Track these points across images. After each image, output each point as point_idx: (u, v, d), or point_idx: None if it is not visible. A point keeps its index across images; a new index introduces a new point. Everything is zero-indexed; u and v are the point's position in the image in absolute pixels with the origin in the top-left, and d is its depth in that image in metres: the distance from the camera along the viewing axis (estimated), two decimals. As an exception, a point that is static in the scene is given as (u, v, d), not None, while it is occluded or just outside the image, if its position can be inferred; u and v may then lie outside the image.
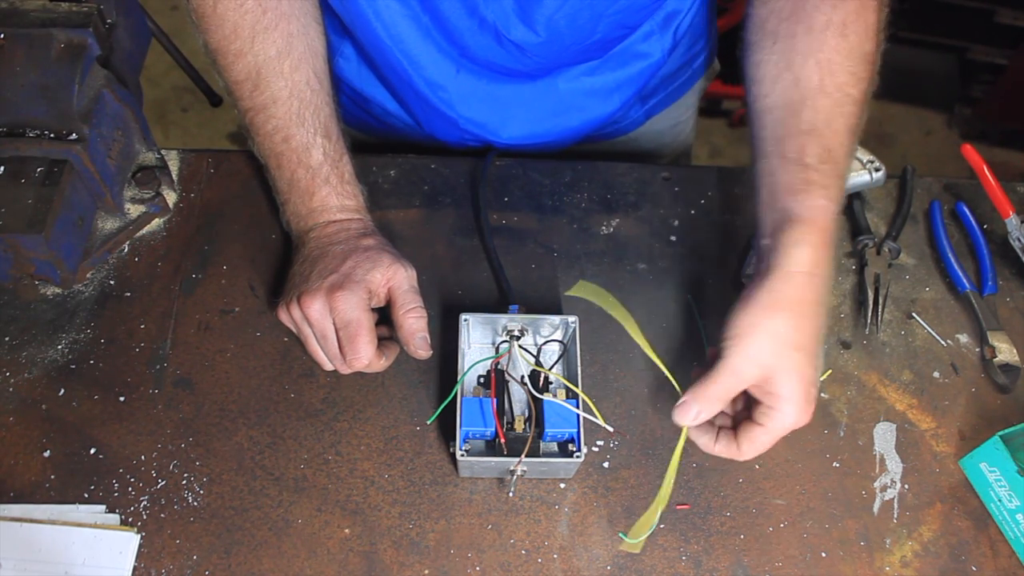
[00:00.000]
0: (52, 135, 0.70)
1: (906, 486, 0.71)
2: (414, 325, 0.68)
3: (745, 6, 0.73)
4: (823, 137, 0.64)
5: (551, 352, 0.71)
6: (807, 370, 0.59)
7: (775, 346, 0.59)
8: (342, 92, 0.90)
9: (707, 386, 0.60)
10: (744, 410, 0.63)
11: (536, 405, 0.65)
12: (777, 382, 0.58)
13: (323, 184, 0.72)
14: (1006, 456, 0.66)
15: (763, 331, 0.59)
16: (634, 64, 0.84)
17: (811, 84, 0.65)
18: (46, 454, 0.68)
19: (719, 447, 0.62)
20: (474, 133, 0.86)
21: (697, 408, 0.60)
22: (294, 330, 0.70)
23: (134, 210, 0.79)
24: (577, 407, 0.64)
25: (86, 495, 0.66)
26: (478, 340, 0.72)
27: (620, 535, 0.67)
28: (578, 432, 0.64)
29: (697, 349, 0.76)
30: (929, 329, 0.79)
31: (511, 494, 0.68)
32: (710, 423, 0.63)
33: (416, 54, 0.78)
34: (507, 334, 0.70)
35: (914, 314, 0.80)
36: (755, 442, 0.61)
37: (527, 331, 0.71)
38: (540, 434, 0.65)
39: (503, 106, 0.84)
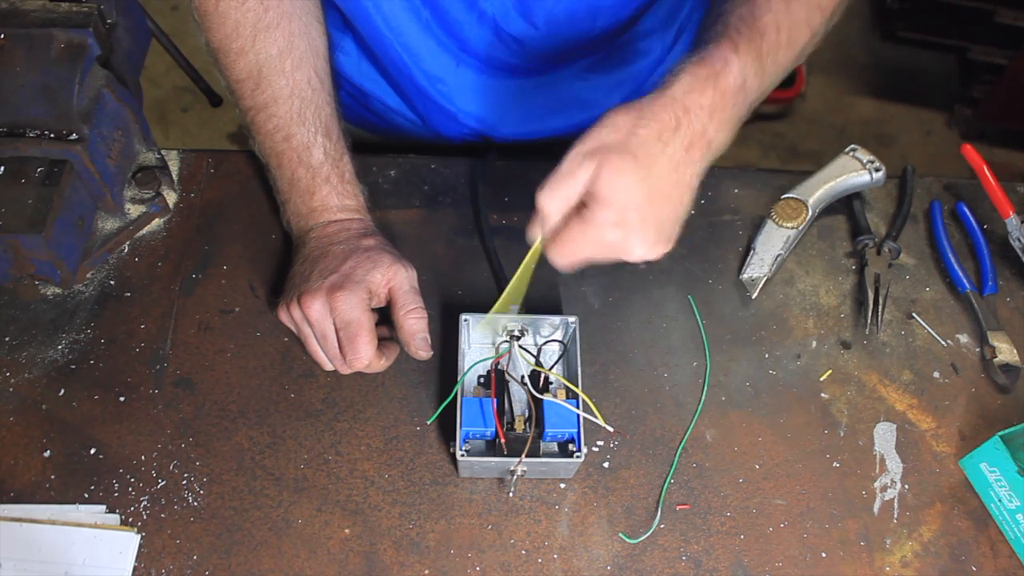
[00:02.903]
0: (52, 135, 0.70)
1: (906, 486, 0.71)
2: (414, 326, 0.68)
3: None
4: (755, 7, 0.61)
5: (551, 352, 0.71)
6: (638, 183, 0.54)
7: (612, 142, 0.54)
8: (342, 88, 0.90)
9: (551, 186, 0.56)
10: None
11: (536, 405, 0.65)
12: (601, 178, 0.54)
13: (323, 183, 0.72)
14: (1006, 456, 0.66)
15: (605, 125, 0.55)
16: (635, 61, 0.84)
17: None
18: (46, 454, 0.68)
19: (549, 243, 0.58)
20: (473, 127, 0.86)
21: (545, 208, 0.56)
22: (294, 330, 0.70)
23: (134, 210, 0.79)
24: (577, 407, 0.64)
25: (86, 495, 0.66)
26: (478, 340, 0.72)
27: (620, 535, 0.67)
28: (578, 432, 0.64)
29: (697, 350, 0.76)
30: (929, 329, 0.79)
31: (511, 494, 0.68)
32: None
33: (416, 47, 0.78)
34: (507, 334, 0.70)
35: (914, 314, 0.80)
36: (565, 237, 0.56)
37: (527, 331, 0.71)
38: (540, 434, 0.65)
39: (503, 101, 0.84)
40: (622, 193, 0.54)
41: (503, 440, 0.64)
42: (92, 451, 0.68)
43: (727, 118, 0.58)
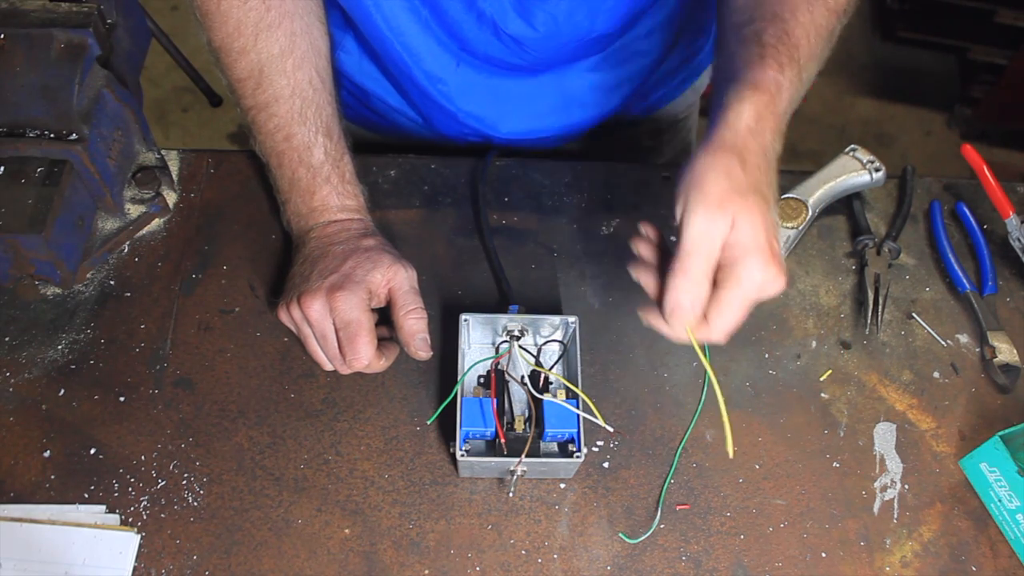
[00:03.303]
0: (52, 135, 0.70)
1: (906, 486, 0.71)
2: (414, 326, 0.68)
3: None
4: (785, 23, 0.62)
5: (551, 352, 0.71)
6: (769, 218, 0.53)
7: (730, 184, 0.52)
8: (343, 87, 0.90)
9: (685, 264, 0.52)
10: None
11: (536, 405, 0.65)
12: (739, 228, 0.52)
13: (324, 183, 0.72)
14: (1006, 456, 0.66)
15: (718, 171, 0.53)
16: (635, 61, 0.84)
17: None
18: (46, 454, 0.68)
19: (696, 328, 0.55)
20: (474, 127, 0.86)
21: (688, 297, 0.53)
22: (294, 330, 0.70)
23: (134, 210, 0.79)
24: (577, 407, 0.64)
25: (86, 495, 0.66)
26: (478, 340, 0.72)
27: (620, 535, 0.67)
28: (578, 432, 0.64)
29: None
30: (929, 329, 0.79)
31: (511, 494, 0.68)
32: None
33: (416, 47, 0.78)
34: (507, 334, 0.70)
35: (914, 314, 0.80)
36: (722, 307, 0.53)
37: (527, 331, 0.71)
38: (540, 434, 0.65)
39: (503, 100, 0.84)
40: (766, 233, 0.52)
41: (503, 440, 0.64)
42: (92, 451, 0.68)
43: (782, 135, 0.59)
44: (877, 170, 0.83)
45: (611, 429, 0.68)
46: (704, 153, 0.54)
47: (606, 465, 0.70)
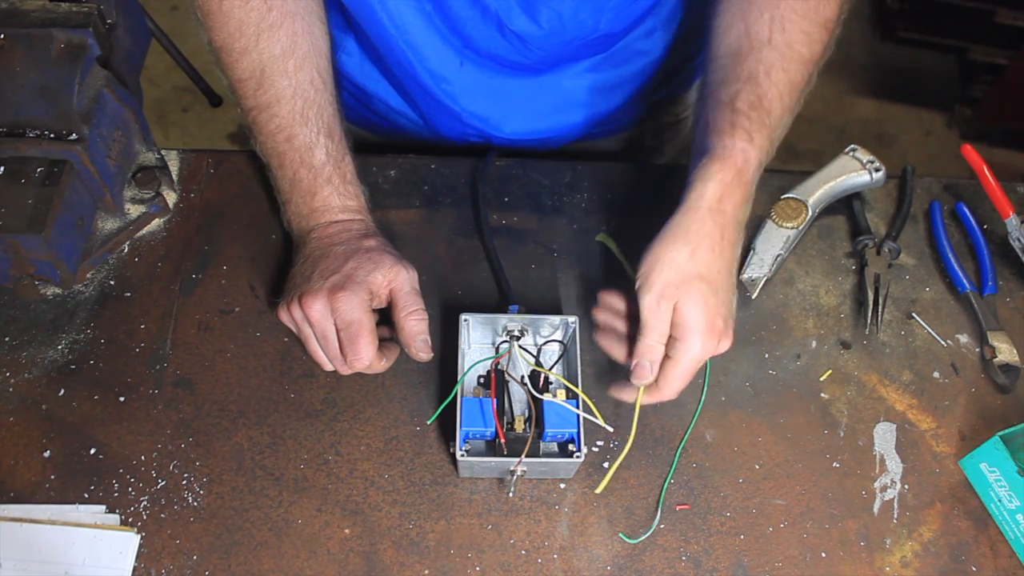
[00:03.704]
0: (52, 135, 0.70)
1: (906, 486, 0.71)
2: (415, 327, 0.68)
3: None
4: (759, 86, 0.66)
5: (551, 352, 0.71)
6: (710, 299, 0.61)
7: (676, 275, 0.61)
8: (344, 88, 0.90)
9: (643, 339, 0.63)
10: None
11: (536, 405, 0.65)
12: (682, 312, 0.61)
13: (325, 184, 0.72)
14: (1006, 456, 0.66)
15: (665, 263, 0.61)
16: (636, 61, 0.84)
17: (760, 37, 0.67)
18: (46, 454, 0.68)
19: (642, 394, 0.65)
20: (476, 127, 0.86)
21: (648, 363, 0.63)
22: (295, 330, 0.70)
23: (134, 210, 0.79)
24: (577, 407, 0.64)
25: (86, 495, 0.66)
26: (478, 340, 0.72)
27: (620, 535, 0.67)
28: (578, 432, 0.64)
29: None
30: (929, 329, 0.79)
31: (511, 494, 0.68)
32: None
33: (420, 45, 0.78)
34: (507, 334, 0.70)
35: (914, 314, 0.80)
36: (668, 377, 0.62)
37: (527, 331, 0.71)
38: (540, 434, 0.65)
39: (506, 100, 0.84)
40: (706, 315, 0.61)
41: (503, 440, 0.64)
42: (92, 451, 0.68)
43: (750, 200, 0.65)
44: (877, 170, 0.83)
45: (611, 429, 0.68)
46: (659, 242, 0.63)
47: (606, 465, 0.70)
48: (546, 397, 0.65)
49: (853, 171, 0.83)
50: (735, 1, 0.69)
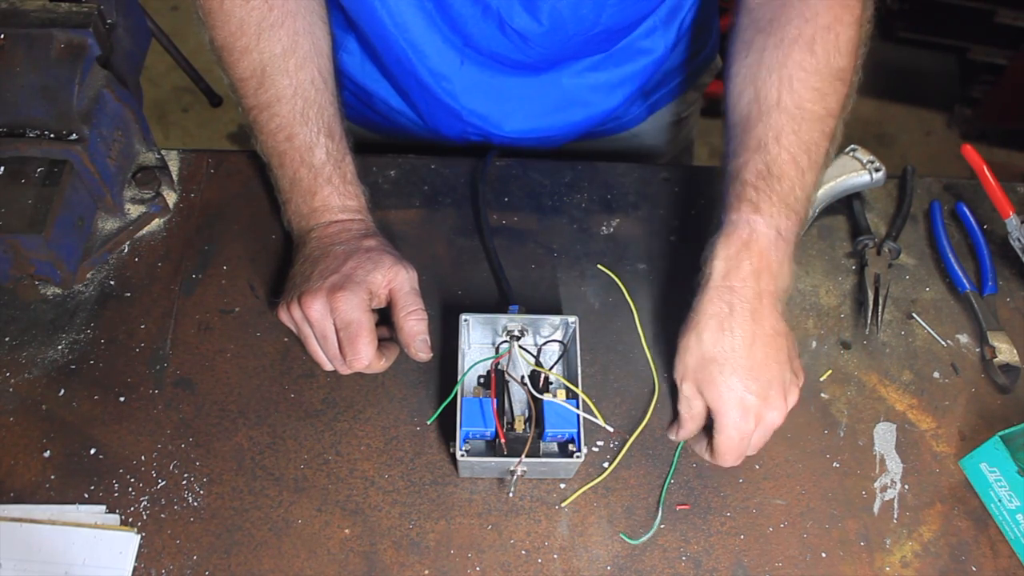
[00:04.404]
0: (52, 135, 0.70)
1: (906, 486, 0.71)
2: (415, 327, 0.68)
3: (732, 15, 0.73)
4: (768, 153, 0.66)
5: (551, 352, 0.71)
6: (730, 379, 0.63)
7: (693, 360, 0.64)
8: (345, 88, 0.90)
9: (680, 421, 0.68)
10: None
11: (536, 405, 0.65)
12: (705, 395, 0.64)
13: (325, 184, 0.72)
14: (1006, 456, 0.66)
15: (682, 349, 0.65)
16: (637, 60, 0.84)
17: (769, 100, 0.67)
18: (46, 454, 0.68)
19: (706, 455, 0.68)
20: (477, 126, 0.86)
21: (678, 435, 0.69)
22: (294, 330, 0.70)
23: (134, 210, 0.79)
24: (577, 407, 0.64)
25: (86, 495, 0.66)
26: (478, 340, 0.72)
27: (620, 535, 0.67)
28: (578, 432, 0.64)
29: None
30: (929, 329, 0.79)
31: (511, 494, 0.68)
32: (704, 431, 0.69)
33: (421, 43, 0.78)
34: (507, 334, 0.70)
35: (914, 314, 0.80)
36: (718, 452, 0.65)
37: (527, 331, 0.71)
38: (540, 434, 0.65)
39: (506, 99, 0.84)
40: (727, 397, 0.63)
41: (503, 440, 0.64)
42: (92, 451, 0.68)
43: (778, 264, 0.66)
44: (877, 170, 0.83)
45: (611, 429, 0.69)
46: (682, 327, 0.66)
47: (606, 465, 0.70)
48: (546, 397, 0.65)
49: (853, 171, 0.83)
50: (746, 64, 0.69)
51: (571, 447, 0.65)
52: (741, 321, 0.63)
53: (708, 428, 0.67)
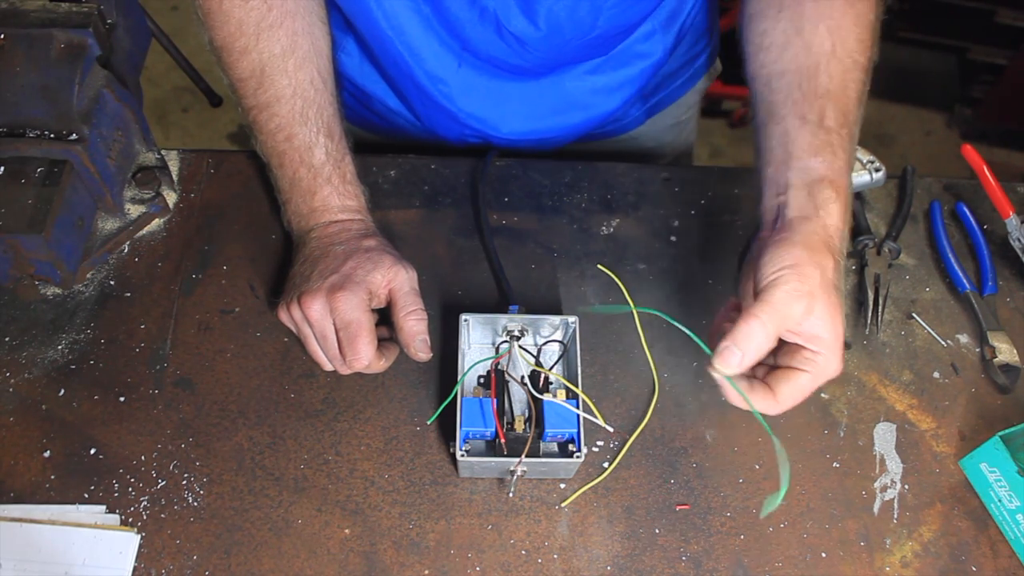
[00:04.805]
0: (52, 135, 0.70)
1: (906, 486, 0.71)
2: (414, 327, 0.68)
3: None
4: (839, 102, 0.65)
5: (551, 352, 0.71)
6: (841, 314, 0.58)
7: (822, 282, 0.57)
8: (344, 88, 0.90)
9: (750, 327, 0.55)
10: (772, 359, 0.61)
11: (536, 405, 0.65)
12: (823, 321, 0.56)
13: (325, 184, 0.72)
14: (1006, 456, 0.66)
15: (812, 265, 0.57)
16: (636, 63, 0.84)
17: (823, 49, 0.66)
18: (46, 454, 0.68)
19: (757, 396, 0.59)
20: (474, 128, 0.86)
21: (740, 353, 0.56)
22: (294, 330, 0.70)
23: (134, 210, 0.79)
24: (577, 407, 0.64)
25: (86, 495, 0.66)
26: (478, 340, 0.72)
27: (620, 535, 0.67)
28: (578, 432, 0.64)
29: (697, 350, 0.76)
30: (929, 329, 0.79)
31: (511, 494, 0.68)
32: (746, 374, 0.60)
33: (418, 47, 0.78)
34: (507, 334, 0.70)
35: (914, 314, 0.80)
36: (796, 389, 0.58)
37: (527, 331, 0.71)
38: (540, 434, 0.65)
39: (504, 102, 0.84)
40: (839, 332, 0.57)
41: (503, 440, 0.64)
42: (92, 451, 0.68)
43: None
44: (877, 170, 0.83)
45: (611, 429, 0.69)
46: (798, 246, 0.58)
47: (606, 465, 0.70)
48: (546, 397, 0.65)
49: (853, 171, 0.83)
50: (782, 18, 0.69)
51: (571, 447, 0.65)
52: (843, 267, 0.61)
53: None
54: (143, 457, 0.68)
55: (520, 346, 0.69)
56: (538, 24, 0.74)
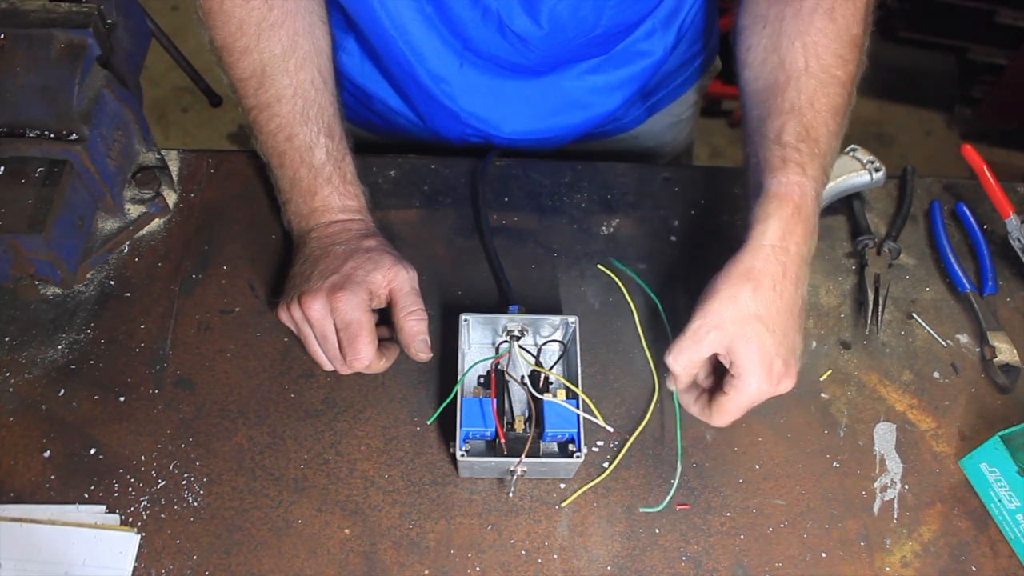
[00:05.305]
0: (52, 135, 0.70)
1: (906, 486, 0.71)
2: (415, 328, 0.68)
3: None
4: (803, 116, 0.66)
5: (551, 352, 0.71)
6: (768, 340, 0.61)
7: (735, 314, 0.61)
8: (344, 88, 0.90)
9: (678, 350, 0.63)
10: (717, 378, 0.66)
11: (536, 405, 0.65)
12: (737, 351, 0.61)
13: (325, 184, 0.72)
14: (1006, 456, 0.66)
15: (725, 298, 0.61)
16: (636, 62, 0.84)
17: (796, 66, 0.67)
18: (46, 454, 0.68)
19: (695, 408, 0.67)
20: (476, 128, 0.86)
21: (673, 369, 0.64)
22: (294, 330, 0.70)
23: (134, 210, 0.79)
24: (577, 407, 0.64)
25: (86, 495, 0.66)
26: (478, 340, 0.72)
27: (620, 535, 0.67)
28: (578, 432, 0.64)
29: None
30: (929, 329, 0.79)
31: (511, 494, 0.68)
32: (695, 385, 0.67)
33: (420, 46, 0.78)
34: (507, 334, 0.70)
35: (914, 314, 0.80)
36: (723, 410, 0.63)
37: (527, 331, 0.71)
38: (540, 434, 0.65)
39: (506, 101, 0.84)
40: (761, 357, 0.61)
41: (503, 440, 0.64)
42: (92, 451, 0.68)
43: (814, 233, 0.65)
44: (877, 170, 0.83)
45: (611, 429, 0.69)
46: (720, 279, 0.63)
47: (606, 465, 0.70)
48: (546, 397, 0.65)
49: (853, 171, 0.83)
50: (765, 34, 0.70)
51: (571, 447, 0.65)
52: (789, 285, 0.62)
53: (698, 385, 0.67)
54: (143, 457, 0.68)
55: (520, 346, 0.69)
56: (541, 23, 0.74)
